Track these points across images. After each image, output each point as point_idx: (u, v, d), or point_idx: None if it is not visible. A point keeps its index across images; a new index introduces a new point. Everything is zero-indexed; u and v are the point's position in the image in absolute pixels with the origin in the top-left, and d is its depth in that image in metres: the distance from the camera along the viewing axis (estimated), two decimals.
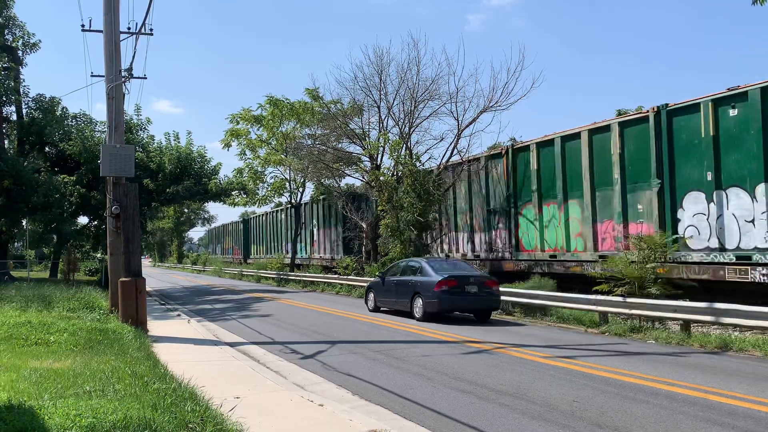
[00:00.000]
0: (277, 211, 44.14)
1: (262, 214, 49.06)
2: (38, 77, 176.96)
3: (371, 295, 18.39)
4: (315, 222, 37.02)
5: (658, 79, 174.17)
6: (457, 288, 15.25)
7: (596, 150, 16.64)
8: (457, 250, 22.89)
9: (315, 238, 37.12)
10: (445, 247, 23.71)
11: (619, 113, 23.85)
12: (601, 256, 16.10)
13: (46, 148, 30.89)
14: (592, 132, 16.83)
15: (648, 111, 15.20)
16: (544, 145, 18.64)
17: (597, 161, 16.68)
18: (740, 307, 10.80)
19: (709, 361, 9.49)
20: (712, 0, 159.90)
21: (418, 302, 15.69)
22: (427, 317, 15.37)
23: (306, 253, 38.51)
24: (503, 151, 20.37)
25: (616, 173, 16.01)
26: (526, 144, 19.38)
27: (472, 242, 22.02)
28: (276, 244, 44.69)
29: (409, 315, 15.98)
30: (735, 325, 11.56)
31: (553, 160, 18.22)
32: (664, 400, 7.10)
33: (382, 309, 17.94)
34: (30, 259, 40.06)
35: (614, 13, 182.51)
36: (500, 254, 20.46)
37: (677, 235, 14.28)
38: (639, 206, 15.48)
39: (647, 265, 13.29)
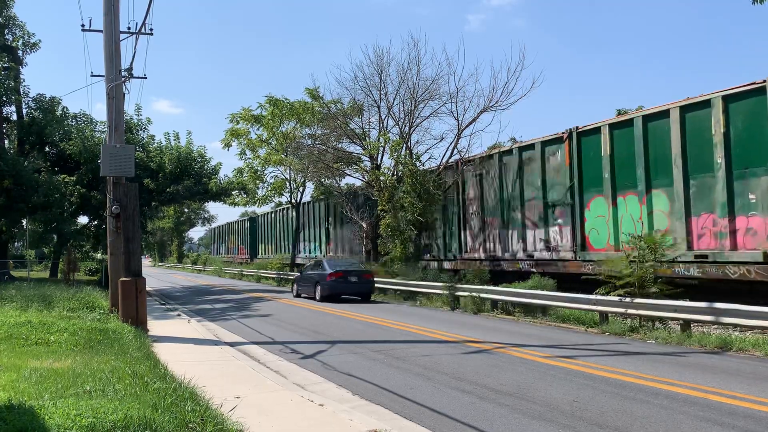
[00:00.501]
0: (287, 208, 42.49)
1: (271, 212, 47.16)
2: (38, 77, 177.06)
3: (295, 285, 24.53)
4: (315, 222, 37.02)
5: (658, 79, 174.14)
6: (342, 278, 21.29)
7: (690, 130, 14.31)
8: (505, 249, 20.34)
9: (315, 238, 37.11)
10: (489, 245, 21.20)
11: (619, 113, 23.83)
12: (698, 256, 13.93)
13: (47, 148, 30.89)
14: (685, 109, 14.43)
15: (764, 81, 12.83)
16: (620, 126, 16.19)
17: (691, 143, 14.31)
18: (740, 306, 10.80)
19: (710, 361, 9.49)
20: (712, 0, 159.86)
21: (318, 288, 21.74)
22: (323, 299, 21.34)
23: (306, 253, 38.50)
24: (564, 135, 17.90)
25: (719, 157, 13.62)
26: (595, 126, 16.91)
27: (524, 240, 19.51)
28: (286, 243, 43.09)
29: (314, 298, 21.91)
30: (735, 325, 11.55)
31: (631, 144, 15.73)
32: (665, 400, 7.10)
33: (302, 295, 23.46)
34: (30, 258, 40.03)
35: (614, 13, 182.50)
36: (561, 254, 17.90)
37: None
38: (750, 196, 13.12)
39: (646, 264, 13.27)
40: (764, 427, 6.04)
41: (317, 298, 21.63)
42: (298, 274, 25.43)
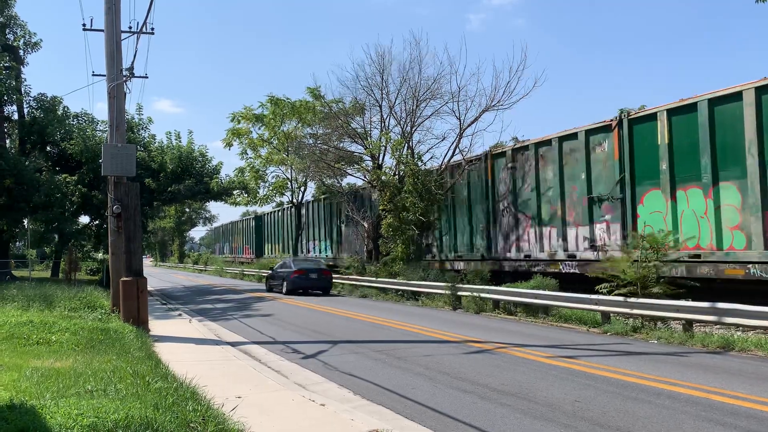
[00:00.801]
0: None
1: (278, 210, 45.52)
2: (40, 76, 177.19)
3: (268, 282, 28.17)
4: (316, 221, 37.02)
5: (660, 78, 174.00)
6: (305, 275, 25.08)
7: None
8: (541, 249, 18.70)
9: (316, 237, 37.12)
10: (523, 245, 19.59)
11: (622, 113, 23.83)
12: None
13: (48, 148, 30.92)
14: (762, 90, 12.97)
15: None
16: (680, 111, 14.71)
17: None
18: (743, 306, 10.77)
19: (712, 361, 9.47)
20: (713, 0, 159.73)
21: (284, 284, 25.31)
22: (288, 292, 24.94)
23: (307, 253, 38.50)
24: (613, 123, 16.34)
25: None
26: (650, 112, 15.44)
27: (564, 238, 17.86)
28: (293, 243, 41.56)
29: (281, 292, 25.40)
30: (737, 325, 11.53)
31: (694, 131, 14.27)
32: (667, 400, 7.09)
33: (273, 290, 26.83)
34: (31, 258, 40.07)
35: (614, 13, 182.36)
36: (610, 253, 16.01)
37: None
38: None
39: (649, 264, 13.25)
40: (766, 428, 6.02)
41: (283, 291, 25.33)
42: (270, 271, 28.75)
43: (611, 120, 16.46)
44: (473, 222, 22.18)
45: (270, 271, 28.94)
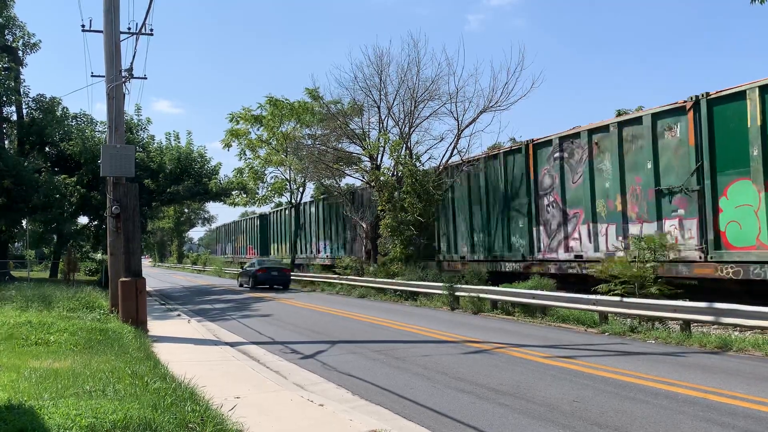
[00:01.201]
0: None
1: (285, 208, 43.28)
2: (38, 77, 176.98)
3: (239, 278, 33.16)
4: (315, 222, 37.01)
5: (658, 78, 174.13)
6: (267, 272, 29.74)
7: None
8: (596, 248, 16.68)
9: (315, 238, 37.11)
10: (573, 244, 17.56)
11: (619, 113, 23.84)
12: None
13: (47, 148, 30.91)
14: None
15: None
16: None
17: None
18: (740, 307, 10.79)
19: (709, 361, 9.49)
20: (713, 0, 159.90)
21: (251, 279, 30.06)
22: (252, 286, 29.78)
23: (306, 253, 38.50)
24: (688, 105, 14.37)
25: None
26: (735, 90, 13.41)
27: (625, 236, 15.83)
28: (302, 243, 39.80)
29: (248, 286, 30.37)
30: (735, 325, 11.55)
31: None
32: (665, 400, 7.10)
33: (242, 285, 31.62)
34: (30, 259, 40.04)
35: (614, 13, 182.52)
36: (683, 253, 14.22)
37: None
38: None
39: (647, 265, 13.28)
40: (764, 427, 6.04)
41: (250, 286, 30.19)
42: (240, 269, 34.97)
43: (685, 101, 14.55)
44: (509, 219, 20.44)
45: (241, 269, 34.23)
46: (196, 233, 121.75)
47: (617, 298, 12.90)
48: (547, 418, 6.48)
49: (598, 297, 13.35)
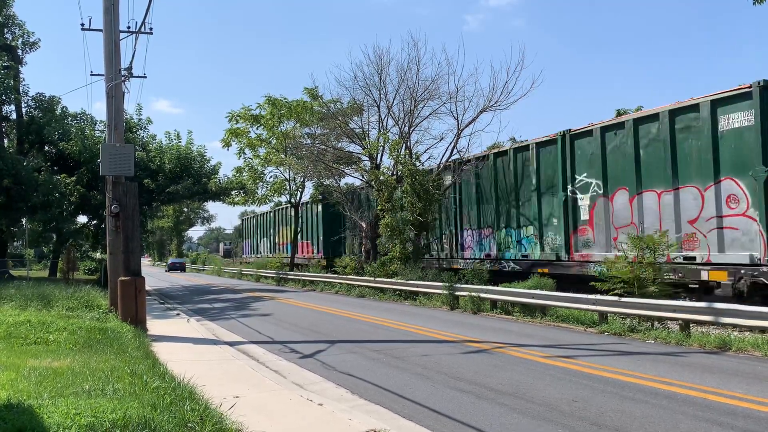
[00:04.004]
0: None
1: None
2: (38, 76, 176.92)
3: (166, 269, 64.37)
4: (314, 221, 36.99)
5: (658, 78, 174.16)
6: (176, 265, 65.76)
7: None
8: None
9: (314, 237, 37.10)
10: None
11: (619, 113, 23.84)
12: None
13: (46, 147, 30.90)
14: None
15: None
16: None
17: None
18: (739, 307, 10.79)
19: (709, 361, 9.49)
20: (712, 0, 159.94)
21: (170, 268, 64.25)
22: (168, 271, 62.04)
23: (306, 253, 38.48)
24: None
25: None
26: None
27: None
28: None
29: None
30: (734, 325, 11.55)
31: None
32: (664, 400, 7.10)
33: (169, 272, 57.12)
34: (29, 258, 39.98)
35: (613, 13, 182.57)
36: None
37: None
38: None
39: (645, 264, 13.26)
40: (764, 427, 6.04)
41: (167, 270, 60.41)
42: (168, 264, 65.28)
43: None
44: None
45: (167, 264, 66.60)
46: (196, 233, 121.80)
47: (617, 298, 12.89)
48: (546, 418, 6.48)
49: (598, 297, 13.34)
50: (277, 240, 33.46)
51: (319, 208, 36.23)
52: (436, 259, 24.03)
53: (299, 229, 38.61)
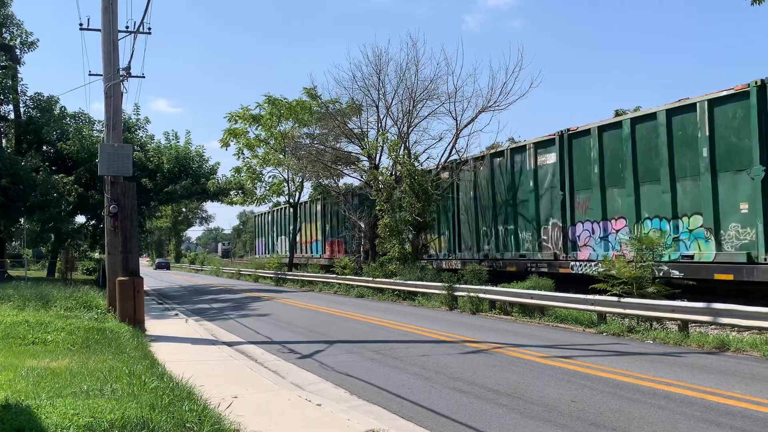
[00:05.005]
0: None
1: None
2: (36, 76, 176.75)
3: (153, 266, 70.61)
4: (313, 222, 36.99)
5: (656, 78, 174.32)
6: (162, 264, 74.52)
7: None
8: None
9: (313, 237, 37.09)
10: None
11: (617, 113, 23.86)
12: None
13: (44, 147, 30.87)
14: None
15: None
16: None
17: None
18: (738, 307, 10.79)
19: (707, 362, 9.50)
20: (710, 0, 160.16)
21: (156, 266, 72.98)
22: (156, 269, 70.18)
23: (304, 253, 38.47)
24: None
25: None
26: None
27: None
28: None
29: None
30: (733, 326, 11.55)
31: None
32: (662, 401, 7.11)
33: (156, 269, 67.75)
34: (27, 258, 40.02)
35: (611, 13, 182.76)
36: None
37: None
38: None
39: (644, 264, 13.27)
40: (762, 427, 6.04)
41: (155, 268, 69.67)
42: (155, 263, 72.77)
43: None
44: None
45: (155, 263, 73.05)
46: (194, 233, 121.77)
47: (615, 299, 12.89)
48: (545, 419, 6.48)
49: (596, 297, 13.34)
50: (298, 239, 32.90)
51: (318, 207, 36.21)
52: (435, 259, 24.01)
53: (298, 229, 38.60)
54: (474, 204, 22.00)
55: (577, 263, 17.35)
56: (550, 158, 18.60)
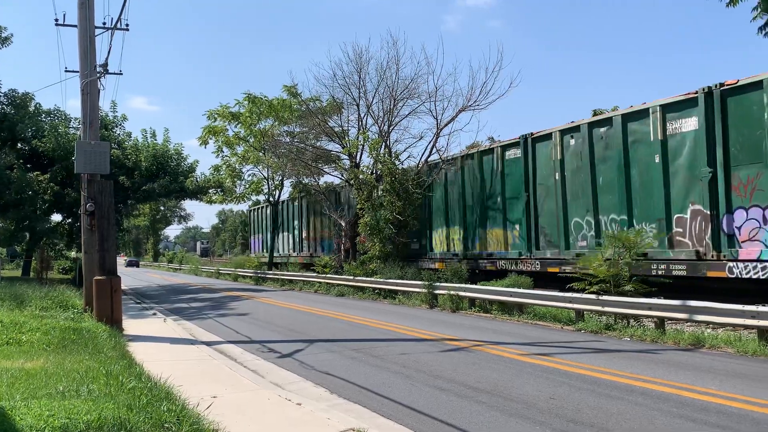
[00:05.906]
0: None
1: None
2: (10, 72, 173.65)
3: (126, 265, 77.88)
4: (293, 220, 36.85)
5: (634, 79, 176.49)
6: (132, 262, 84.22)
7: None
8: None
9: (293, 236, 36.95)
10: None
11: (595, 113, 24.10)
12: None
13: (19, 145, 30.32)
14: None
15: None
16: None
17: None
18: (713, 304, 10.96)
19: (683, 358, 9.64)
20: (688, 2, 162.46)
21: (128, 265, 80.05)
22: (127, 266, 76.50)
23: (285, 251, 38.33)
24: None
25: None
26: None
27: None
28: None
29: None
30: (708, 323, 11.73)
31: None
32: (639, 397, 7.20)
33: (126, 267, 72.28)
34: (1, 257, 39.30)
35: (590, 14, 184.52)
36: None
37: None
38: None
39: (621, 262, 13.42)
40: (735, 422, 6.15)
41: (126, 266, 74.25)
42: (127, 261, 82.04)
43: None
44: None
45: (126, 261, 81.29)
46: (173, 231, 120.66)
47: (593, 296, 13.03)
48: (524, 416, 6.52)
49: (575, 295, 13.47)
50: (304, 234, 32.35)
51: (298, 205, 36.06)
52: (415, 257, 24.06)
53: (278, 227, 38.42)
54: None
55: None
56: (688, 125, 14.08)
